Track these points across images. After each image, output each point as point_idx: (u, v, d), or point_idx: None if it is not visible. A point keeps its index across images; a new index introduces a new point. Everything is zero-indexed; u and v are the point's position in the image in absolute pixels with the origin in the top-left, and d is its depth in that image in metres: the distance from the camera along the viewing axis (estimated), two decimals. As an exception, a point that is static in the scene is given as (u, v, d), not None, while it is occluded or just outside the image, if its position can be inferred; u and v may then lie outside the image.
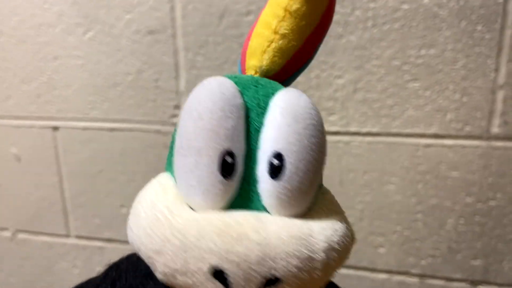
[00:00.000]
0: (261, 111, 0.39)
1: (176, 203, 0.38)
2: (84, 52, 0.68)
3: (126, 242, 0.74)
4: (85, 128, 0.72)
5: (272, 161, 0.37)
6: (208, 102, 0.36)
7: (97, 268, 0.77)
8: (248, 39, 0.43)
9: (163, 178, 0.41)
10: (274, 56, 0.43)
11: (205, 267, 0.34)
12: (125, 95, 0.69)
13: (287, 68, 0.44)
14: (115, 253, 0.76)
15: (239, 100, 0.38)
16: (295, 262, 0.35)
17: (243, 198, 0.38)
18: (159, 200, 0.38)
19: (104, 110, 0.70)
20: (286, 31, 0.42)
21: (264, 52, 0.43)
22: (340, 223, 0.40)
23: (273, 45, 0.42)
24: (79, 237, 0.77)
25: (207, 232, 0.34)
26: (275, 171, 0.37)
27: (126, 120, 0.70)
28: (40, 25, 0.68)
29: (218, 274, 0.34)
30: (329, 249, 0.38)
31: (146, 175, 0.70)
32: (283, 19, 0.42)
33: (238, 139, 0.37)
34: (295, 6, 0.41)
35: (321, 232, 0.38)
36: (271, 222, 0.37)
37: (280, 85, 0.43)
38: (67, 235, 0.78)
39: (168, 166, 0.41)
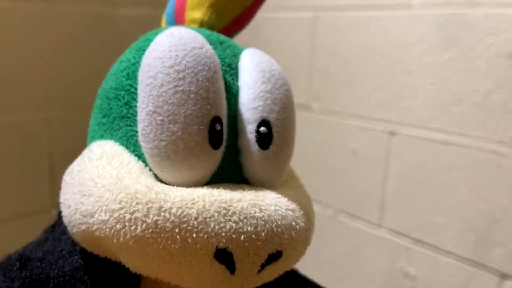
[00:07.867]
0: (234, 73, 0.36)
1: (149, 177, 0.33)
2: (436, 69, 0.77)
3: (433, 247, 0.79)
4: (418, 137, 0.81)
5: (261, 130, 0.34)
6: (187, 59, 0.32)
7: (400, 263, 0.85)
8: None
9: (108, 146, 0.34)
10: (221, 11, 0.39)
11: (211, 250, 0.30)
12: (467, 111, 0.74)
13: (231, 27, 0.41)
14: (421, 254, 0.82)
15: (216, 59, 0.34)
16: (294, 234, 0.34)
17: (225, 169, 0.35)
18: (127, 176, 0.32)
19: (442, 122, 0.77)
20: None
21: (211, 5, 0.38)
22: (309, 202, 0.40)
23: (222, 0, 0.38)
24: (391, 230, 0.87)
25: (210, 212, 0.30)
26: (264, 140, 0.34)
27: (461, 134, 0.75)
28: (403, 45, 0.81)
29: (222, 255, 0.31)
30: (312, 221, 0.38)
31: (469, 190, 0.74)
32: None
33: (222, 103, 0.33)
34: None
35: (303, 205, 0.37)
36: (266, 196, 0.34)
37: (239, 44, 0.40)
38: (380, 226, 0.89)
39: (105, 132, 0.36)
